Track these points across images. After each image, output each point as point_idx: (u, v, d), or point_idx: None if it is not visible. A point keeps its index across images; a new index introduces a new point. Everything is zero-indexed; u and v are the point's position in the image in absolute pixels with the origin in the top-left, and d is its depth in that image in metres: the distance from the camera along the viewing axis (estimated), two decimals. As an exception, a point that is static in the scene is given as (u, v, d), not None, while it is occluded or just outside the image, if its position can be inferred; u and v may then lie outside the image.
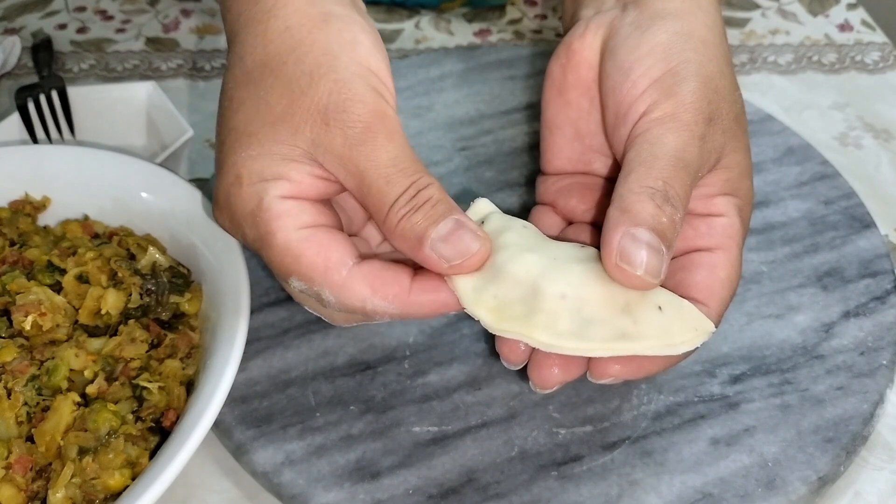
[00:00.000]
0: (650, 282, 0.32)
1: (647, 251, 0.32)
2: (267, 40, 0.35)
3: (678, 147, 0.34)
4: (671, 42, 0.37)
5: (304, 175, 0.34)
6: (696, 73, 0.36)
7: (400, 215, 0.33)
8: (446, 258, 0.33)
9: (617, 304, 0.33)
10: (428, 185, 0.34)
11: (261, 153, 0.34)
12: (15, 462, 0.35)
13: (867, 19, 0.69)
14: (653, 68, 0.36)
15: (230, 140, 0.35)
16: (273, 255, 0.34)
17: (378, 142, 0.33)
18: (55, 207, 0.46)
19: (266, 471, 0.38)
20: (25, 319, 0.39)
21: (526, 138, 0.54)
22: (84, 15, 0.70)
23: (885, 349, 0.42)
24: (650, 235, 0.32)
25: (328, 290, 0.34)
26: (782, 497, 0.37)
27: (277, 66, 0.35)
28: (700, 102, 0.35)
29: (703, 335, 0.34)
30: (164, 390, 0.38)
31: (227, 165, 0.35)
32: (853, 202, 0.50)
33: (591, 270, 0.34)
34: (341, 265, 0.34)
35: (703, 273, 0.36)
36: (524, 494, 0.37)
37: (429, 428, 0.39)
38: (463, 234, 0.33)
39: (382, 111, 0.34)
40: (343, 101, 0.33)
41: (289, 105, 0.34)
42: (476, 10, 0.70)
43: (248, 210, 0.34)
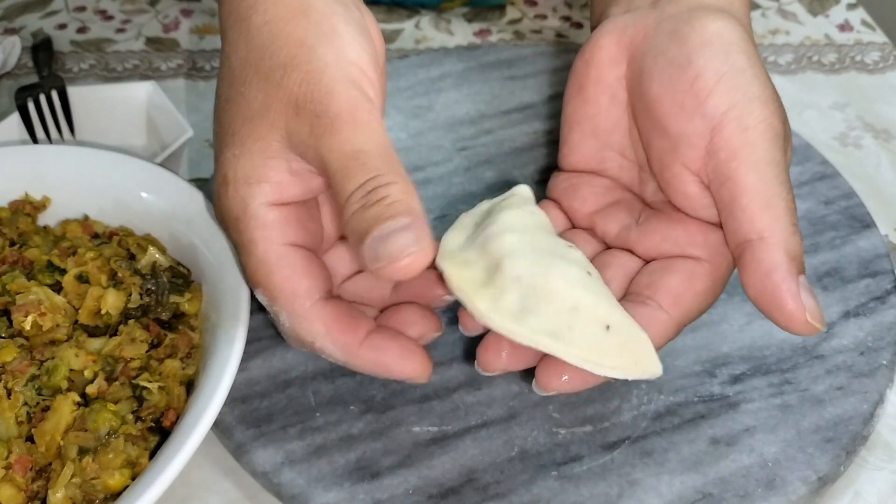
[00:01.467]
0: (823, 330, 0.33)
1: (814, 298, 0.33)
2: (249, 36, 0.35)
3: (786, 167, 0.34)
4: (722, 34, 0.36)
5: (284, 173, 0.34)
6: (759, 71, 0.35)
7: (352, 209, 0.32)
8: (378, 258, 0.31)
9: (565, 305, 0.33)
10: (388, 184, 0.32)
11: (242, 152, 0.34)
12: (15, 462, 0.35)
13: (867, 19, 0.69)
14: (713, 60, 0.35)
15: (219, 139, 0.36)
16: (249, 262, 0.35)
17: (343, 133, 0.32)
18: (55, 207, 0.46)
19: (266, 471, 0.38)
20: (25, 319, 0.39)
21: (526, 138, 0.54)
22: (84, 15, 0.70)
23: (885, 349, 0.42)
24: (806, 280, 0.33)
25: (286, 315, 0.35)
26: (782, 497, 0.37)
27: (256, 60, 0.35)
28: (778, 104, 0.35)
29: (642, 373, 0.34)
30: (164, 390, 0.38)
31: (218, 165, 0.36)
32: (853, 202, 0.50)
33: (558, 267, 0.34)
34: (306, 297, 0.34)
35: (678, 279, 0.36)
36: (524, 494, 0.37)
37: (429, 428, 0.39)
38: (403, 236, 0.31)
39: (355, 102, 0.33)
40: (312, 91, 0.33)
41: (265, 99, 0.34)
42: (476, 10, 0.70)
43: (234, 214, 0.35)
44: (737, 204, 0.34)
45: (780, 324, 0.33)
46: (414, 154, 0.53)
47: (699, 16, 0.36)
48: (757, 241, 0.33)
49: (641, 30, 0.38)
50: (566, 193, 0.41)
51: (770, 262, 0.33)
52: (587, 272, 0.35)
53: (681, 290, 0.36)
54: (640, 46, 0.38)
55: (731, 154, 0.34)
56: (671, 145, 0.36)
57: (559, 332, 0.33)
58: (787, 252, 0.33)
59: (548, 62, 0.60)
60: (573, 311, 0.33)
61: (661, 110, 0.37)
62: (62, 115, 0.54)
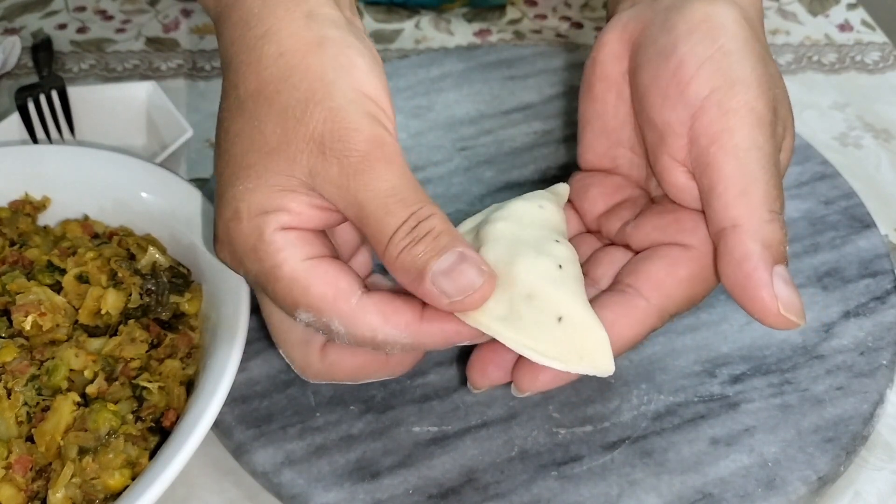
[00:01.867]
0: (802, 325, 0.32)
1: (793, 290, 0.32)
2: (261, 67, 0.34)
3: (770, 152, 0.33)
4: (711, 18, 0.35)
5: (304, 206, 0.33)
6: (749, 52, 0.34)
7: (400, 247, 0.32)
8: (447, 294, 0.31)
9: (521, 293, 0.33)
10: (430, 216, 0.32)
11: (258, 185, 0.33)
12: (15, 462, 0.35)
13: (867, 19, 0.69)
14: (698, 45, 0.34)
15: (227, 172, 0.34)
16: (280, 287, 0.33)
17: (376, 171, 0.32)
18: (55, 207, 0.46)
19: (266, 471, 0.38)
20: (25, 319, 0.39)
21: (526, 138, 0.54)
22: (84, 15, 0.70)
23: (885, 349, 0.42)
24: (786, 272, 0.32)
25: (338, 320, 0.33)
26: (782, 497, 0.37)
27: (272, 94, 0.33)
28: (763, 87, 0.34)
29: (589, 368, 0.33)
30: (163, 390, 0.38)
31: (226, 199, 0.34)
32: (853, 202, 0.50)
33: (526, 256, 0.34)
34: (350, 294, 0.33)
35: (660, 265, 0.35)
36: (524, 494, 0.37)
37: (429, 428, 0.39)
38: (466, 269, 0.31)
39: (380, 138, 0.33)
40: (338, 129, 0.32)
41: (284, 134, 0.33)
42: (476, 10, 0.70)
43: (250, 245, 0.33)
44: (714, 192, 0.33)
45: (754, 315, 0.32)
46: (414, 154, 0.53)
47: (692, 2, 0.36)
48: (730, 230, 0.32)
49: (640, 23, 0.38)
50: (578, 194, 0.41)
51: (742, 251, 0.32)
52: (558, 265, 0.34)
53: (662, 275, 0.35)
54: (637, 39, 0.38)
55: (710, 139, 0.33)
56: (658, 136, 0.36)
57: (508, 318, 0.33)
58: (762, 240, 0.32)
59: (548, 62, 0.60)
60: (528, 299, 0.33)
61: (648, 101, 0.36)
62: (62, 115, 0.54)
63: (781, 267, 0.32)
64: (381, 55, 0.65)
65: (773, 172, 0.33)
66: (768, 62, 0.35)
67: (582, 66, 0.60)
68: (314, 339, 0.36)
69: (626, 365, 0.42)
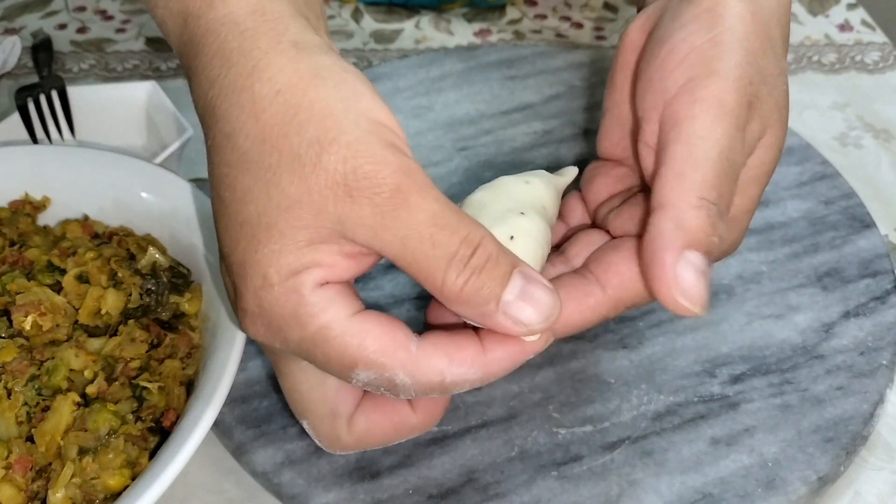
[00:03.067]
0: (698, 314, 0.31)
1: (700, 279, 0.30)
2: (258, 110, 0.30)
3: (727, 145, 0.32)
4: (716, 8, 0.34)
5: (336, 257, 0.30)
6: (739, 46, 0.33)
7: (461, 282, 0.29)
8: (525, 323, 0.30)
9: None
10: (482, 240, 0.30)
11: (285, 245, 0.30)
12: (15, 462, 0.35)
13: (867, 19, 0.69)
14: (693, 34, 0.33)
15: (245, 238, 0.31)
16: (331, 348, 0.30)
17: (412, 202, 0.29)
18: (55, 207, 0.46)
19: (266, 471, 0.38)
20: (25, 319, 0.39)
21: (526, 138, 0.54)
22: (84, 15, 0.70)
23: (885, 349, 0.42)
24: (703, 261, 0.30)
25: (402, 371, 0.30)
26: (782, 497, 0.37)
27: (278, 139, 0.30)
28: (741, 81, 0.33)
29: None
30: (163, 390, 0.38)
31: (250, 267, 0.30)
32: (853, 202, 0.50)
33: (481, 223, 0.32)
34: (408, 342, 0.31)
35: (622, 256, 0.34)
36: (524, 494, 0.37)
37: (429, 428, 0.39)
38: (536, 292, 0.30)
39: (407, 167, 0.30)
40: (361, 166, 0.29)
41: (302, 183, 0.30)
42: (476, 10, 0.70)
43: (288, 311, 0.30)
44: (657, 173, 0.32)
45: (654, 295, 0.31)
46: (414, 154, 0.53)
47: None
48: (657, 209, 0.31)
49: (658, 12, 0.37)
50: (586, 183, 0.40)
51: (657, 230, 0.31)
52: (510, 237, 0.33)
53: (622, 267, 0.34)
54: (651, 29, 0.37)
55: (671, 125, 0.33)
56: (637, 122, 0.35)
57: None
58: (680, 223, 0.31)
59: (548, 62, 0.60)
60: None
61: (637, 88, 0.36)
62: (62, 115, 0.54)
63: (695, 254, 0.31)
64: (382, 55, 0.65)
65: (722, 165, 0.32)
66: (762, 57, 0.34)
67: (582, 67, 0.60)
68: (342, 411, 0.34)
69: (626, 365, 0.42)
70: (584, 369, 0.42)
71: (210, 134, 0.32)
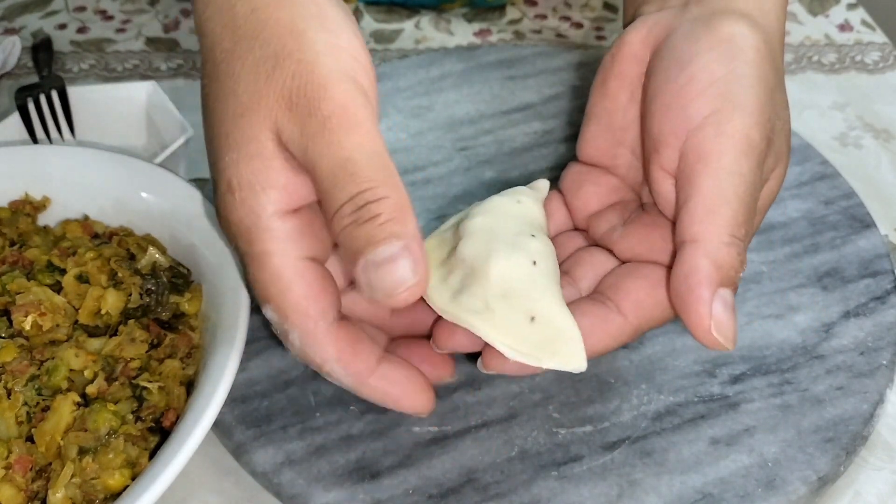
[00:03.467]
0: (730, 349, 0.32)
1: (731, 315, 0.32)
2: (234, 27, 0.33)
3: (752, 181, 0.33)
4: (735, 38, 0.35)
5: (288, 173, 0.32)
6: (759, 81, 0.34)
7: (342, 225, 0.31)
8: (373, 287, 0.30)
9: (497, 290, 0.33)
10: (380, 199, 0.30)
11: (240, 156, 0.32)
12: (15, 462, 0.35)
13: (867, 19, 0.69)
14: (713, 63, 0.34)
15: (213, 143, 0.33)
16: (260, 276, 0.32)
17: (335, 136, 0.30)
18: (55, 207, 0.46)
19: (266, 471, 0.38)
20: (25, 319, 0.39)
21: (526, 138, 0.54)
22: (84, 15, 0.70)
23: (885, 349, 0.42)
24: (731, 297, 0.32)
25: (297, 335, 0.33)
26: (782, 497, 0.37)
27: (244, 52, 0.32)
28: (763, 117, 0.34)
29: (560, 364, 0.33)
30: (163, 390, 0.38)
31: (217, 171, 0.33)
32: (853, 202, 0.50)
33: (502, 252, 0.34)
34: (320, 318, 0.32)
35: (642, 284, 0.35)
36: (524, 494, 0.37)
37: (429, 428, 0.39)
38: (399, 266, 0.30)
39: (348, 99, 0.31)
40: (305, 84, 0.31)
41: (255, 92, 0.32)
42: (476, 10, 0.70)
43: (245, 226, 0.32)
44: (685, 205, 0.33)
45: (688, 328, 0.32)
46: (414, 154, 0.53)
47: (719, 18, 0.36)
48: (689, 243, 0.33)
49: (665, 29, 0.37)
50: (572, 187, 0.41)
51: (691, 265, 0.32)
52: (532, 262, 0.34)
53: (642, 296, 0.35)
54: (659, 44, 0.38)
55: (697, 157, 0.34)
56: (653, 145, 0.36)
57: (483, 313, 0.33)
58: (714, 260, 0.32)
59: (548, 62, 0.60)
60: (502, 296, 0.33)
61: (652, 108, 0.36)
62: (62, 115, 0.54)
63: (727, 290, 0.32)
64: (382, 55, 0.65)
65: (748, 202, 0.33)
66: (776, 91, 0.36)
67: (582, 67, 0.60)
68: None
69: (626, 365, 0.42)
70: (584, 369, 0.42)
71: (201, 51, 0.35)
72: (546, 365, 0.33)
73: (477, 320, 0.33)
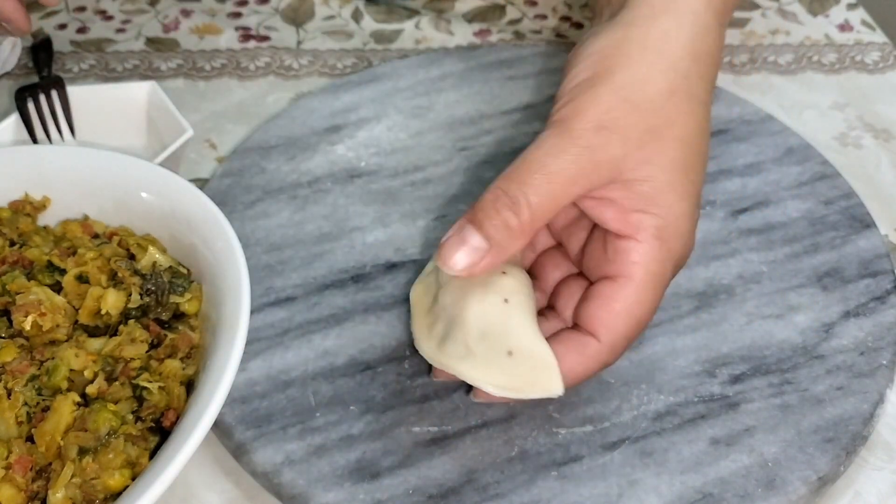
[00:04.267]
0: (456, 272, 0.35)
1: (466, 251, 0.35)
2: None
3: (551, 152, 0.35)
4: (612, 45, 0.37)
5: None
6: (609, 78, 0.36)
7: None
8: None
9: (475, 333, 0.36)
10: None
11: None
12: (15, 462, 0.35)
13: (867, 19, 0.69)
14: (584, 70, 0.37)
15: None
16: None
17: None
18: (55, 207, 0.46)
19: (266, 471, 0.38)
20: (25, 319, 0.39)
21: (526, 138, 0.54)
22: (84, 15, 0.70)
23: (885, 349, 0.42)
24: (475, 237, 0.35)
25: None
26: (782, 497, 0.37)
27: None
28: (593, 110, 0.35)
29: (541, 392, 0.36)
30: (164, 390, 0.38)
31: None
32: (853, 202, 0.50)
33: (475, 296, 0.37)
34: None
35: (596, 304, 0.36)
36: (524, 494, 0.37)
37: (429, 428, 0.39)
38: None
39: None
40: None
41: None
42: (476, 11, 0.70)
43: None
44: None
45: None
46: (414, 154, 0.53)
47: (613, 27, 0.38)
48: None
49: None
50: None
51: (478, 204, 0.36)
52: (504, 300, 0.37)
53: (602, 314, 0.36)
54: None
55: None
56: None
57: (467, 357, 0.36)
58: None
59: (547, 62, 0.60)
60: (480, 339, 0.36)
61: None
62: (62, 115, 0.54)
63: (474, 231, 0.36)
64: (382, 55, 0.65)
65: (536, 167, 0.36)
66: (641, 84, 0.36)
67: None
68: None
69: (625, 365, 0.42)
70: (584, 369, 0.42)
71: None
72: (529, 396, 0.36)
73: (461, 366, 0.36)
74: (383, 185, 0.51)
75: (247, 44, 0.66)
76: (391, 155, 0.53)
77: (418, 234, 0.48)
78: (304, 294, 0.45)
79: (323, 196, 0.51)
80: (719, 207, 0.50)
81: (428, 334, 0.38)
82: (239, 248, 0.41)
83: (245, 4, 0.71)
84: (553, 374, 0.35)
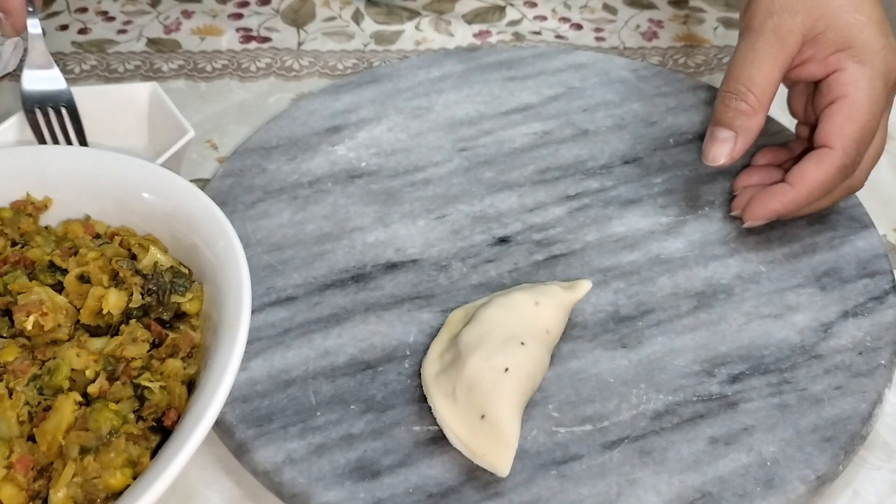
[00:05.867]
0: (720, 163, 0.46)
1: (718, 145, 0.46)
2: None
3: (745, 48, 0.45)
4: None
5: None
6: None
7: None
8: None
9: (466, 382, 0.38)
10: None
11: None
12: (16, 461, 0.35)
13: (866, 20, 0.69)
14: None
15: None
16: None
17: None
18: (57, 208, 0.46)
19: (267, 470, 0.38)
20: (27, 319, 0.39)
21: (525, 139, 0.54)
22: (85, 16, 0.70)
23: (884, 349, 0.42)
24: (722, 131, 0.46)
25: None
26: (781, 496, 0.37)
27: None
28: (762, 6, 0.45)
29: (487, 465, 0.37)
30: (165, 390, 0.38)
31: None
32: (852, 202, 0.50)
33: (483, 352, 0.38)
34: None
35: (823, 123, 0.44)
36: (524, 493, 0.37)
37: (429, 427, 0.39)
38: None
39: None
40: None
41: None
42: (476, 12, 0.70)
43: None
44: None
45: None
46: (414, 154, 0.53)
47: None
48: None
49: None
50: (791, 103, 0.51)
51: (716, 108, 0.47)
52: (505, 369, 0.38)
53: (828, 128, 0.44)
54: None
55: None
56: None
57: (450, 397, 0.38)
58: None
59: (547, 63, 0.60)
60: (467, 389, 0.38)
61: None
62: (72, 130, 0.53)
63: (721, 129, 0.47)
64: (382, 56, 0.65)
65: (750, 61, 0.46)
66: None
67: (581, 68, 0.60)
68: None
69: (625, 364, 0.42)
70: (583, 369, 0.42)
71: None
72: (476, 461, 0.37)
73: (440, 403, 0.38)
74: (383, 186, 0.51)
75: (248, 45, 0.67)
76: (391, 155, 0.53)
77: (418, 234, 0.49)
78: (305, 294, 0.45)
79: (323, 196, 0.51)
80: (718, 208, 0.50)
81: (437, 358, 0.40)
82: (240, 247, 0.41)
83: (246, 6, 0.71)
84: (506, 455, 0.36)
